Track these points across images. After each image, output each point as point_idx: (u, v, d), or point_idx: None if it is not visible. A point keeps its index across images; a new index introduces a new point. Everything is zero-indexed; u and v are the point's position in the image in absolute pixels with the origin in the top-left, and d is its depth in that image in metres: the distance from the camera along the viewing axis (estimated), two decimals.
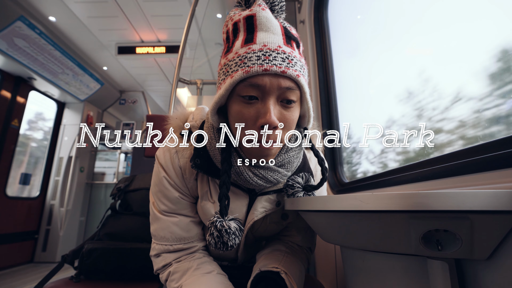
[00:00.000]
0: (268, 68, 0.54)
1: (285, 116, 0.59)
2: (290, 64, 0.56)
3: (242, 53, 0.57)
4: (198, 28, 3.47)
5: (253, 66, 0.54)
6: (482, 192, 0.38)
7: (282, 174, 0.66)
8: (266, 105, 0.56)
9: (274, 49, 0.56)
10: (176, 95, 2.07)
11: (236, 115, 0.59)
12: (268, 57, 0.55)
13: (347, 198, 0.47)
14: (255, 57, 0.55)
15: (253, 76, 0.55)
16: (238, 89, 0.58)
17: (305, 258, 0.81)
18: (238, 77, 0.55)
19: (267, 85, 0.55)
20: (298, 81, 0.57)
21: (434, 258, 0.46)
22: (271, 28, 0.58)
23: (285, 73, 0.55)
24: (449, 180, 0.59)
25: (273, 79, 0.55)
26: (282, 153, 0.67)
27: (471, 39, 0.80)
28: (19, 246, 3.72)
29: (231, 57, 0.59)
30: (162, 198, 0.71)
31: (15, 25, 3.04)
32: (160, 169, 0.71)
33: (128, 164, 5.32)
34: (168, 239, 0.71)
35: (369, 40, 1.42)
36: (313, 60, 1.67)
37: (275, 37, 0.58)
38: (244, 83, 0.56)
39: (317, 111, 1.57)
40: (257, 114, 0.57)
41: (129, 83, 5.09)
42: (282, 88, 0.56)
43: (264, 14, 0.59)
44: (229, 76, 0.57)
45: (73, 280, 1.02)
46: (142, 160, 1.68)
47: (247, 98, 0.57)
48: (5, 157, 3.54)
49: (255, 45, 0.56)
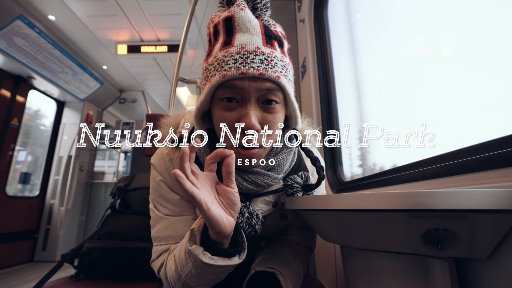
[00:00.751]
0: (245, 72, 0.53)
1: (267, 119, 0.58)
2: (270, 65, 0.55)
3: (220, 56, 0.56)
4: (198, 27, 3.47)
5: (229, 70, 0.54)
6: (482, 191, 0.38)
7: (272, 178, 0.65)
8: (246, 108, 0.56)
9: (252, 51, 0.55)
10: (176, 94, 2.07)
11: (218, 119, 0.59)
12: (246, 60, 0.54)
13: (347, 197, 0.47)
14: (232, 60, 0.55)
15: (230, 80, 0.55)
16: (217, 94, 0.57)
17: (305, 258, 0.81)
18: (216, 82, 0.55)
19: (245, 88, 0.55)
20: (279, 82, 0.56)
21: (434, 257, 0.46)
22: (250, 29, 0.58)
23: (263, 76, 0.54)
24: (449, 179, 0.59)
25: (251, 82, 0.55)
26: (271, 156, 0.66)
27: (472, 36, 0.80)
28: (19, 245, 3.73)
29: (210, 61, 0.59)
30: (164, 202, 0.70)
31: (15, 24, 3.03)
32: (157, 174, 0.71)
33: (128, 163, 5.32)
34: (173, 238, 0.69)
35: (369, 38, 1.41)
36: (313, 60, 1.66)
37: (253, 38, 0.57)
38: (222, 87, 0.56)
39: (317, 111, 1.57)
40: (238, 118, 0.57)
41: (129, 82, 5.09)
42: (261, 90, 0.56)
43: (243, 14, 0.58)
44: (208, 81, 0.57)
45: (73, 279, 1.02)
46: (142, 159, 1.68)
47: (225, 101, 0.57)
48: (4, 156, 3.54)
49: (233, 48, 0.56)
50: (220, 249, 0.53)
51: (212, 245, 0.53)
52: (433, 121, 0.86)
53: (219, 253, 0.54)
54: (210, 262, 0.52)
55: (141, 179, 1.33)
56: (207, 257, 0.52)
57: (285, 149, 0.68)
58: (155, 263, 0.69)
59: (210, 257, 0.53)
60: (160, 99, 5.98)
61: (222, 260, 0.53)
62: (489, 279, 0.44)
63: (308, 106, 1.64)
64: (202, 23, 3.41)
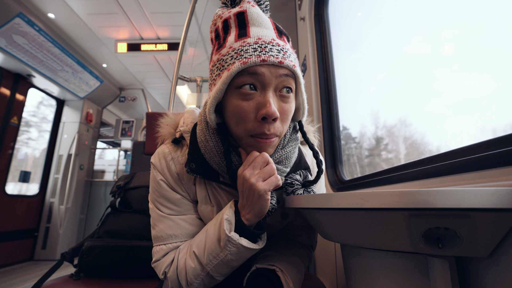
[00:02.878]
0: (266, 59, 0.55)
1: (283, 108, 0.59)
2: (286, 55, 0.57)
3: (237, 46, 0.57)
4: (198, 25, 3.46)
5: (250, 57, 0.55)
6: (482, 190, 0.38)
7: (281, 171, 0.66)
8: (265, 96, 0.56)
9: (269, 42, 0.57)
10: (176, 93, 2.06)
11: (235, 109, 0.58)
12: (264, 49, 0.56)
13: (348, 196, 0.47)
14: (251, 49, 0.55)
15: (251, 66, 0.55)
16: (236, 82, 0.57)
17: (306, 256, 0.81)
18: (236, 69, 0.55)
19: (266, 75, 0.56)
20: (295, 71, 0.58)
21: (435, 256, 0.46)
22: (263, 23, 0.59)
23: (282, 64, 0.56)
24: (449, 178, 0.59)
25: (272, 68, 0.56)
26: (279, 149, 0.66)
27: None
28: (19, 243, 3.73)
29: (225, 51, 0.58)
30: (165, 202, 0.69)
31: (14, 22, 3.02)
32: (158, 174, 0.70)
33: (128, 161, 5.33)
34: (177, 236, 0.68)
35: (370, 36, 1.41)
36: (313, 57, 1.66)
37: (268, 31, 0.59)
38: (242, 75, 0.56)
39: (317, 108, 1.57)
40: (257, 106, 0.57)
41: (129, 80, 5.08)
42: (281, 76, 0.57)
43: (255, 10, 0.60)
44: (226, 70, 0.57)
45: (73, 277, 1.02)
46: (142, 158, 1.68)
47: (247, 89, 0.57)
48: (4, 155, 3.54)
49: (250, 39, 0.57)
50: (251, 232, 0.60)
51: (245, 230, 0.60)
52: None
53: (250, 237, 0.60)
54: (249, 246, 0.59)
55: (141, 177, 1.33)
56: (245, 242, 0.59)
57: (291, 141, 0.69)
58: (160, 264, 0.68)
59: (247, 242, 0.59)
60: (160, 97, 5.97)
61: (256, 244, 0.61)
62: (490, 278, 0.44)
63: (308, 104, 1.64)
64: (202, 21, 3.40)
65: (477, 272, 0.46)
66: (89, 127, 4.70)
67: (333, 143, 1.44)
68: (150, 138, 1.67)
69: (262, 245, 0.62)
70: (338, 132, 1.44)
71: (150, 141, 1.67)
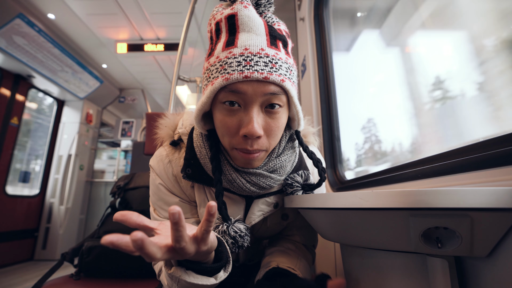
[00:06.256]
0: (249, 75, 0.51)
1: (270, 124, 0.56)
2: (274, 68, 0.53)
3: (223, 57, 0.54)
4: (197, 25, 3.46)
5: (233, 73, 0.51)
6: (482, 190, 0.38)
7: (275, 180, 0.65)
8: (248, 114, 0.54)
9: (256, 53, 0.52)
10: (175, 93, 2.06)
11: (219, 123, 0.57)
12: (249, 62, 0.52)
13: (347, 196, 0.47)
14: (236, 62, 0.52)
15: (233, 83, 0.52)
16: (219, 96, 0.55)
17: (311, 258, 0.81)
18: (218, 85, 0.53)
19: (249, 93, 0.52)
20: (283, 86, 0.54)
21: (434, 256, 0.46)
22: (254, 28, 0.55)
23: (267, 79, 0.52)
24: (449, 177, 0.59)
25: (256, 85, 0.52)
26: (273, 158, 0.65)
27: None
28: (19, 244, 3.73)
29: (212, 61, 0.56)
30: (164, 205, 0.69)
31: (14, 23, 3.02)
32: (156, 177, 0.70)
33: (128, 162, 5.33)
34: None
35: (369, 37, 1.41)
36: (313, 58, 1.66)
37: (257, 39, 0.54)
38: (225, 90, 0.54)
39: (317, 110, 1.57)
40: (240, 123, 0.55)
41: (129, 81, 5.08)
42: (266, 95, 0.53)
43: (246, 12, 0.55)
44: (210, 83, 0.55)
45: (73, 277, 1.02)
46: (142, 158, 1.68)
47: (228, 104, 0.54)
48: (4, 155, 3.54)
49: (236, 49, 0.53)
50: (203, 267, 0.50)
51: (194, 264, 0.49)
52: None
53: (203, 271, 0.50)
54: (195, 281, 0.48)
55: (141, 178, 1.33)
56: (191, 276, 0.49)
57: (287, 150, 0.67)
58: (156, 267, 0.69)
59: (194, 276, 0.49)
60: (160, 97, 5.97)
61: (206, 279, 0.50)
62: (489, 277, 0.44)
63: (308, 105, 1.64)
64: (202, 22, 3.40)
65: (476, 272, 0.46)
66: (89, 128, 4.70)
67: (333, 143, 1.44)
68: (150, 139, 1.67)
69: (223, 277, 0.53)
70: (337, 132, 1.44)
71: (149, 142, 1.67)
